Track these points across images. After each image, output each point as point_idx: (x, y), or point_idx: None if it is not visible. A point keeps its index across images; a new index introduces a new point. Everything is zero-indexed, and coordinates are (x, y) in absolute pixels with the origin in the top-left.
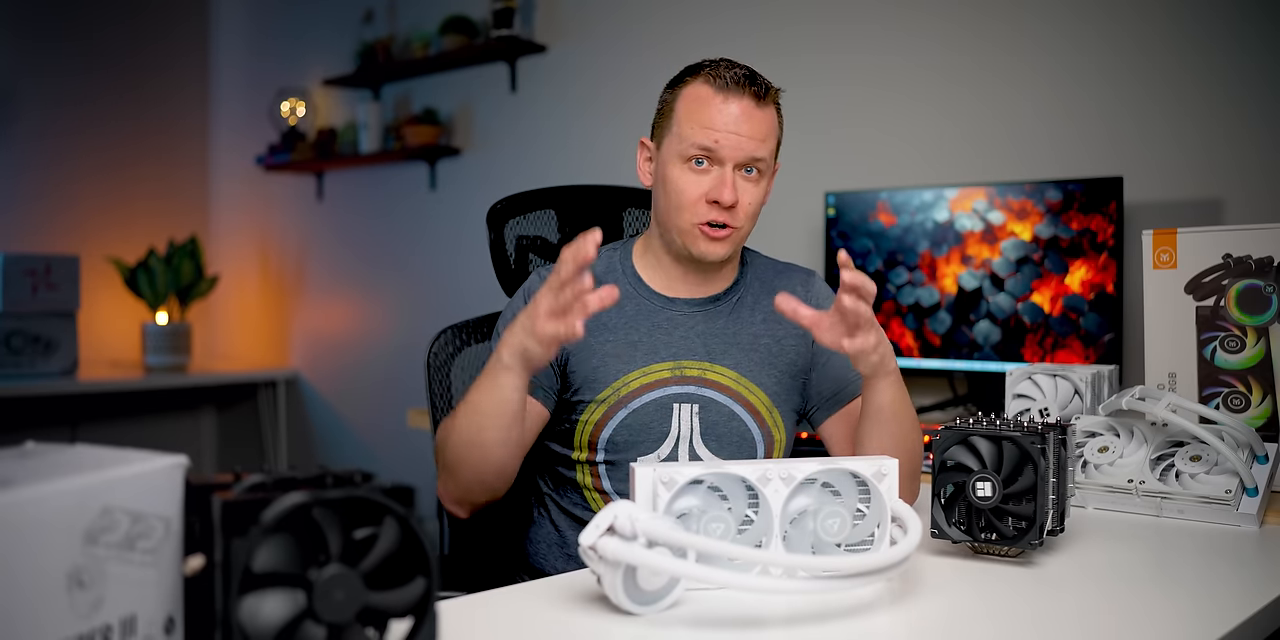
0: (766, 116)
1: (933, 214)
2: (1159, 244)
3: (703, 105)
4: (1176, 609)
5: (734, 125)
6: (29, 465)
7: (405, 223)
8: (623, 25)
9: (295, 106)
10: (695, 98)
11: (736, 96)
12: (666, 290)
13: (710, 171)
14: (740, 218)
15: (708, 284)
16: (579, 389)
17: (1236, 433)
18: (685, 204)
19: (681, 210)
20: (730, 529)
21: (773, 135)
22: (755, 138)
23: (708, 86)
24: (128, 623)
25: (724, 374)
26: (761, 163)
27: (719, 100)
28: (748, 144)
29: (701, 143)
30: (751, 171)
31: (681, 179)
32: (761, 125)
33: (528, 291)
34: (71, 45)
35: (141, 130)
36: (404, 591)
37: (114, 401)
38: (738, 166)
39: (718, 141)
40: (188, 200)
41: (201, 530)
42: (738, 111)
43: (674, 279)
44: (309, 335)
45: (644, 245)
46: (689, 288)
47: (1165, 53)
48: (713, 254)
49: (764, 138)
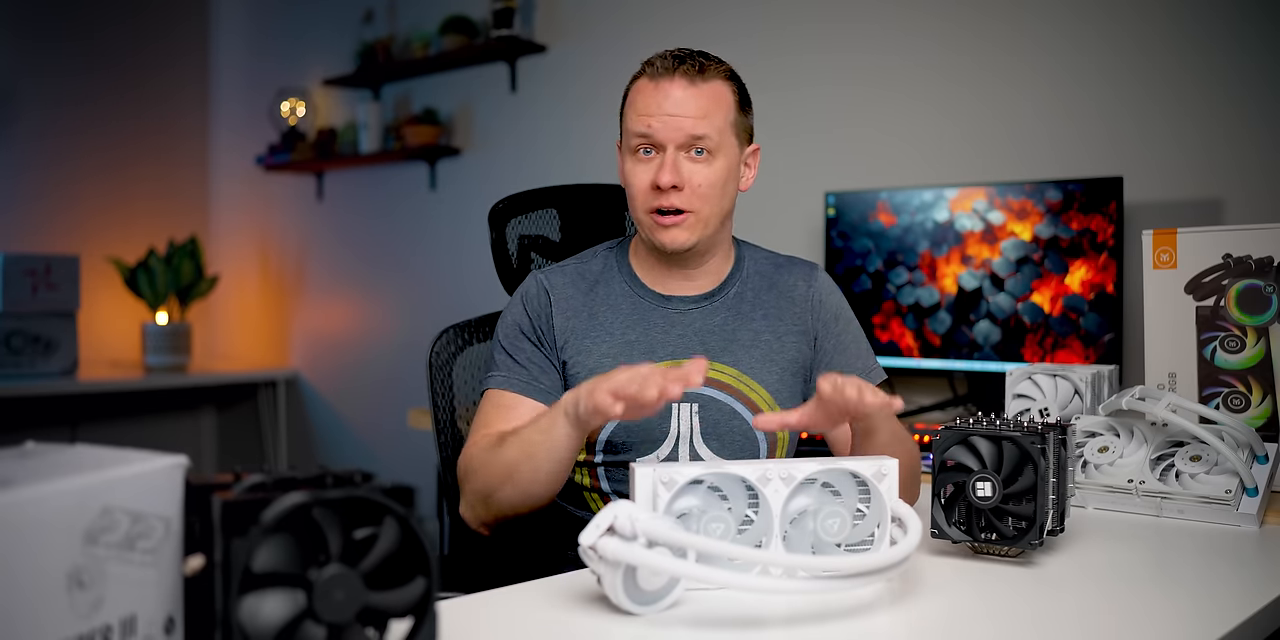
0: (704, 93)
1: (933, 214)
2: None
3: (641, 94)
4: (1176, 609)
5: (668, 107)
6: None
7: (405, 223)
8: (623, 25)
9: (295, 106)
10: (636, 90)
11: (667, 79)
12: (662, 288)
13: (655, 159)
14: (694, 200)
15: (697, 279)
16: None
17: (1236, 433)
18: (636, 194)
19: (634, 201)
20: (730, 529)
21: (718, 110)
22: (691, 115)
23: (644, 78)
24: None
25: (724, 372)
26: (705, 140)
27: (652, 87)
28: (684, 123)
29: (639, 130)
30: (701, 152)
31: (631, 171)
32: (697, 102)
33: (525, 296)
34: (71, 45)
35: (141, 130)
36: (404, 591)
37: (114, 401)
38: (680, 147)
39: (650, 125)
40: (188, 200)
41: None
42: (670, 94)
43: (664, 276)
44: (309, 335)
45: (636, 243)
46: (680, 284)
47: (1165, 53)
48: (673, 242)
49: (702, 114)
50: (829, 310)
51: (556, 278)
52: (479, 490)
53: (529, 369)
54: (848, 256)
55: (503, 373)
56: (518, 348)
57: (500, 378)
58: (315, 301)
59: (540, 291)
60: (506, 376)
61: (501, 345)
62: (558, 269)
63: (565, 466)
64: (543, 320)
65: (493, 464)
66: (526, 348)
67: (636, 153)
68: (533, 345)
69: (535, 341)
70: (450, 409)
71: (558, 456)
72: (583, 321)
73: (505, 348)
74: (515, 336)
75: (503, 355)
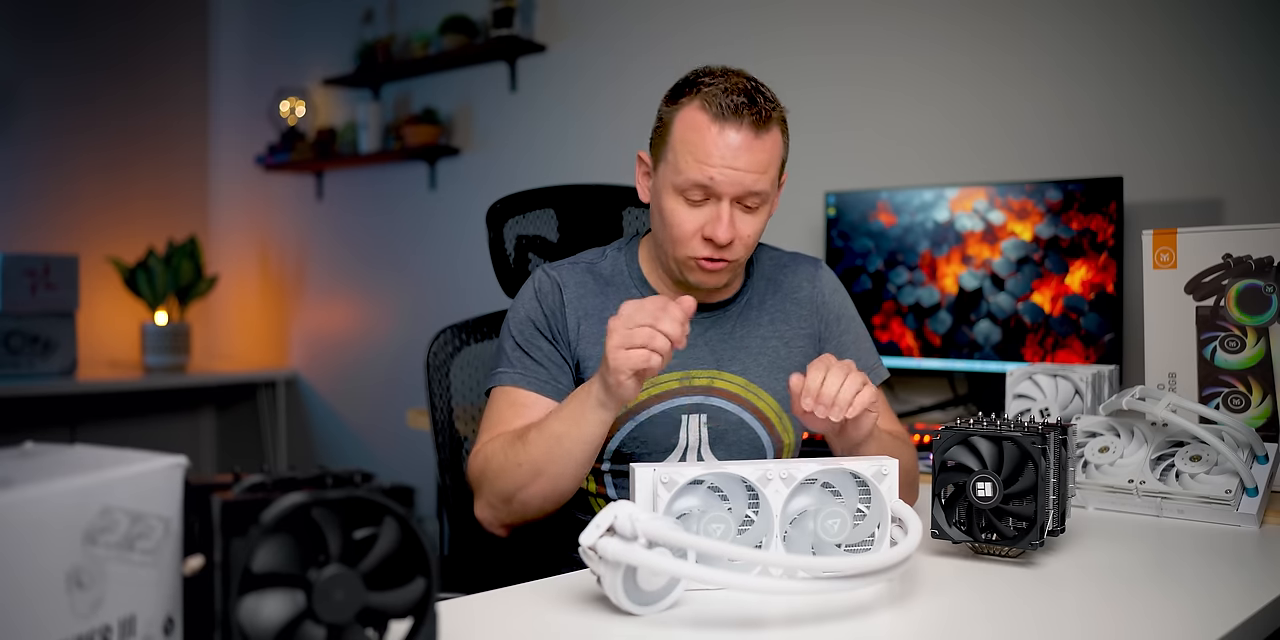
0: (766, 145)
1: (933, 214)
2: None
3: (699, 135)
4: (1176, 609)
5: (730, 159)
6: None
7: (405, 223)
8: (623, 25)
9: (295, 106)
10: (691, 125)
11: (734, 126)
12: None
13: (706, 205)
14: (739, 250)
15: (714, 293)
16: None
17: (1236, 433)
18: (680, 238)
19: (677, 244)
20: (730, 529)
21: (774, 163)
22: (754, 171)
23: (704, 113)
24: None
25: (732, 381)
26: (761, 194)
27: (714, 130)
28: (745, 178)
29: (696, 179)
30: (753, 204)
31: (677, 213)
32: (761, 156)
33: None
34: (71, 45)
35: (141, 130)
36: (404, 591)
37: (113, 401)
38: (735, 200)
39: (713, 178)
40: (187, 200)
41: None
42: (736, 143)
43: (676, 289)
44: (309, 335)
45: (647, 250)
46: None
47: (1165, 53)
48: (709, 283)
49: (764, 169)
50: (832, 310)
51: (568, 275)
52: (502, 491)
53: (546, 368)
54: (848, 256)
55: (517, 370)
56: (532, 344)
57: (515, 374)
58: (315, 301)
59: (554, 287)
60: (522, 374)
61: (514, 340)
62: (568, 265)
63: (593, 455)
64: (557, 316)
65: (516, 462)
66: (543, 345)
67: (685, 194)
68: (548, 342)
69: (550, 338)
70: (448, 409)
71: (590, 445)
72: (595, 326)
73: (519, 343)
74: (529, 332)
75: (516, 351)
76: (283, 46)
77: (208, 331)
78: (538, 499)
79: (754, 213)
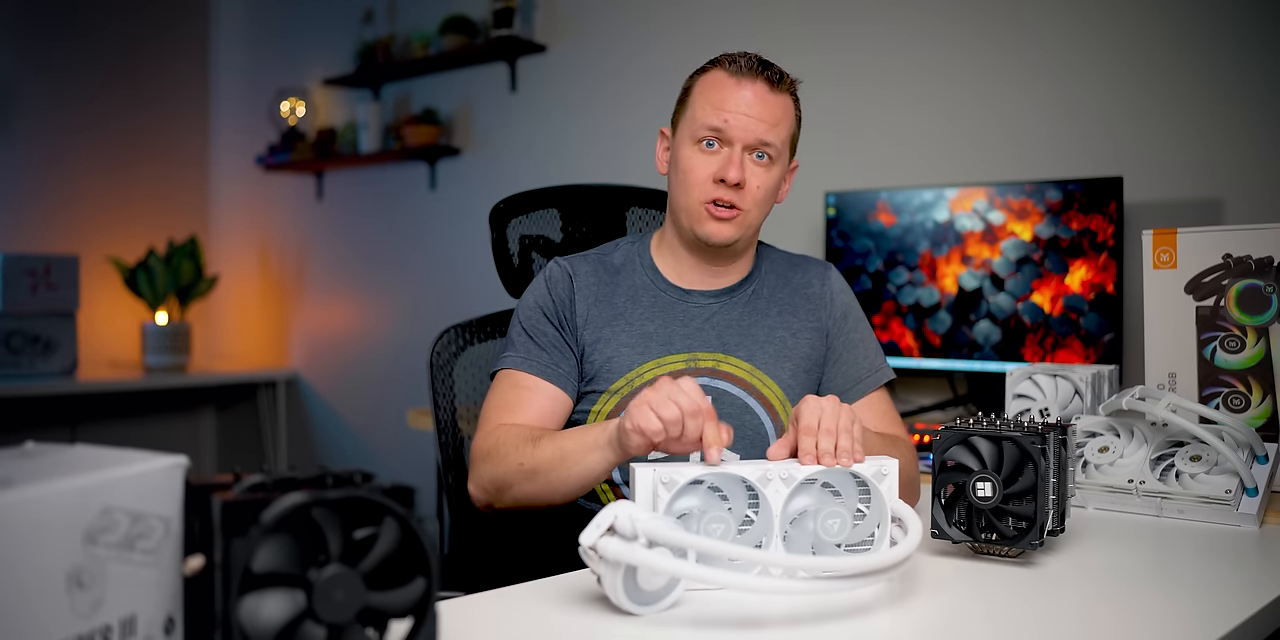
0: (779, 102)
1: (933, 214)
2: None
3: (716, 88)
4: (1176, 609)
5: (745, 107)
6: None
7: (405, 223)
8: (623, 25)
9: (295, 106)
10: (711, 83)
11: (750, 80)
12: (682, 282)
13: (720, 152)
14: (748, 200)
15: (723, 275)
16: (593, 379)
17: (1236, 433)
18: (694, 183)
19: (690, 189)
20: (730, 529)
21: (786, 123)
22: (766, 121)
23: (723, 71)
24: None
25: (738, 366)
26: (772, 148)
27: (732, 83)
28: (758, 126)
29: (712, 123)
30: (763, 156)
31: (692, 159)
32: (773, 109)
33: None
34: (71, 45)
35: (141, 130)
36: (404, 591)
37: (114, 401)
38: (747, 148)
39: (727, 120)
40: (187, 200)
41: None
42: (750, 95)
43: (689, 269)
44: (309, 335)
45: (660, 238)
46: (704, 278)
47: (1165, 53)
48: (719, 235)
49: (775, 122)
50: (840, 308)
51: (580, 265)
52: (498, 479)
53: (549, 352)
54: (848, 256)
55: (521, 354)
56: (539, 330)
57: (519, 358)
58: (315, 301)
59: (564, 275)
60: (526, 358)
61: (522, 325)
62: (579, 257)
63: (591, 483)
64: (566, 304)
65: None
66: (549, 331)
67: (700, 143)
68: (555, 328)
69: (558, 325)
70: (451, 409)
71: (588, 476)
72: (604, 311)
73: (526, 329)
74: (538, 318)
75: (523, 336)
76: (283, 46)
77: (208, 331)
78: (527, 498)
79: (764, 169)
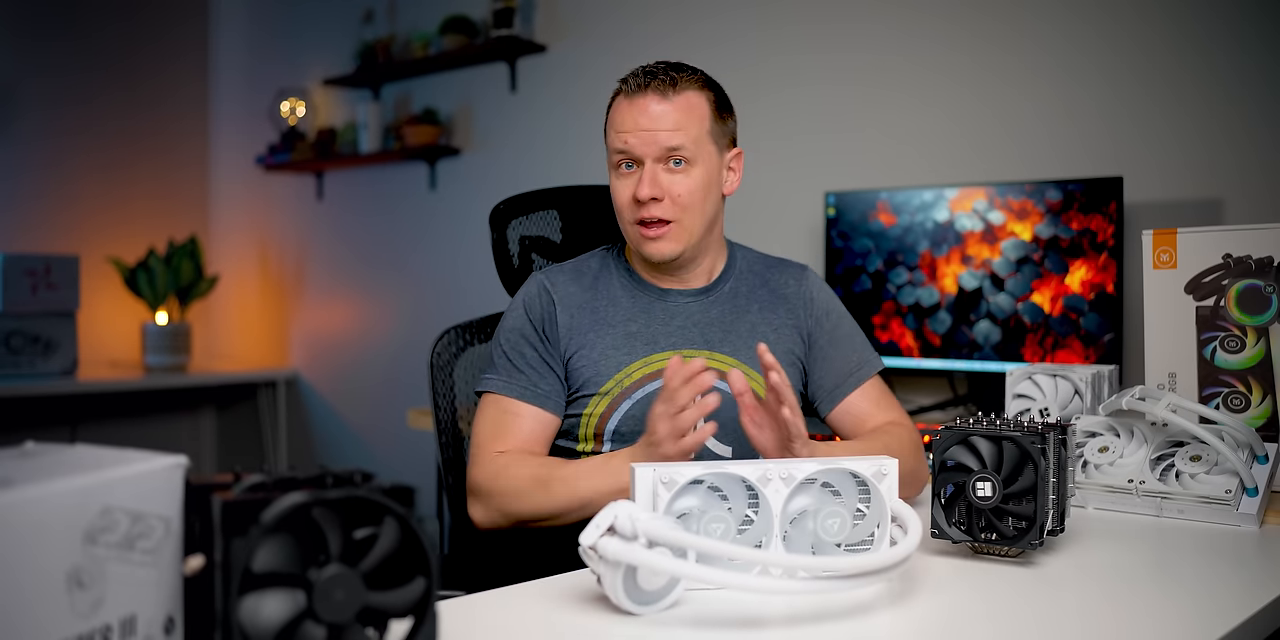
0: (677, 105)
1: (933, 214)
2: (1159, 244)
3: (616, 111)
4: (1176, 609)
5: (643, 122)
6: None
7: (405, 223)
8: (623, 25)
9: (295, 106)
10: (614, 108)
11: (640, 96)
12: (659, 283)
13: (635, 173)
14: (675, 210)
15: (691, 280)
16: (584, 383)
17: (1236, 433)
18: (621, 207)
19: (620, 213)
20: (730, 529)
21: (693, 120)
22: (665, 128)
23: (621, 96)
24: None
25: (725, 362)
26: (683, 150)
27: (627, 104)
28: (659, 136)
29: (618, 146)
30: (679, 163)
31: (615, 184)
32: (671, 114)
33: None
34: (71, 45)
35: (141, 130)
36: (404, 591)
37: (114, 401)
38: (659, 160)
39: (628, 141)
40: (187, 200)
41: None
42: (644, 109)
43: (659, 276)
44: (309, 335)
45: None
46: (675, 282)
47: (1165, 53)
48: (660, 252)
49: (676, 126)
50: (820, 306)
51: (557, 276)
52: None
53: (527, 374)
54: (848, 256)
55: (503, 377)
56: (518, 353)
57: (500, 382)
58: (315, 301)
59: (541, 292)
60: (507, 382)
61: (502, 349)
62: (556, 269)
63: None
64: (547, 322)
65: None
66: (528, 353)
67: (619, 168)
68: (533, 349)
69: (538, 343)
70: (451, 409)
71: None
72: (586, 316)
73: (505, 352)
74: (516, 341)
75: (503, 359)
76: (283, 46)
77: (208, 331)
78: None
79: (682, 173)
